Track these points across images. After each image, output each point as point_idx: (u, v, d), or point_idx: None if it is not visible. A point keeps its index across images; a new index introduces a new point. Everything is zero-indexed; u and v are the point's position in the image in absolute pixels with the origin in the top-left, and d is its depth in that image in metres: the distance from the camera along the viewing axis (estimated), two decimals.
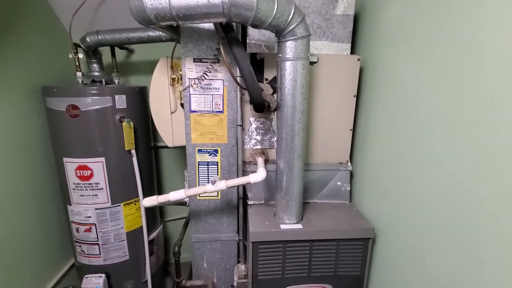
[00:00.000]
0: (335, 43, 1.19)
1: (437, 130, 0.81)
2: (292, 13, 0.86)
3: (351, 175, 1.29)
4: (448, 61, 0.77)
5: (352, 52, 1.24)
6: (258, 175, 1.00)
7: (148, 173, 1.68)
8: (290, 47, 0.92)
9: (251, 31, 1.13)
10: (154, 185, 1.78)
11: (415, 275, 0.90)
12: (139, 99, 1.50)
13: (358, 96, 1.22)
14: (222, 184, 0.99)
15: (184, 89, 1.09)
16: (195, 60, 1.08)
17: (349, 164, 1.27)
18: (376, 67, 1.13)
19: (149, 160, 1.69)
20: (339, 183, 1.27)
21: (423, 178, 0.87)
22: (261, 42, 1.14)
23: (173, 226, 2.12)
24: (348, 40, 1.20)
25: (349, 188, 1.28)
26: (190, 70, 1.08)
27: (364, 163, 1.22)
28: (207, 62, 1.08)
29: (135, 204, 1.60)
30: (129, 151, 1.47)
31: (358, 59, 1.16)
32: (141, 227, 1.62)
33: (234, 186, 1.00)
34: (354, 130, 1.26)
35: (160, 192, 2.02)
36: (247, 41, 1.13)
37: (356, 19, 1.22)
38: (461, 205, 0.73)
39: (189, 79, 1.09)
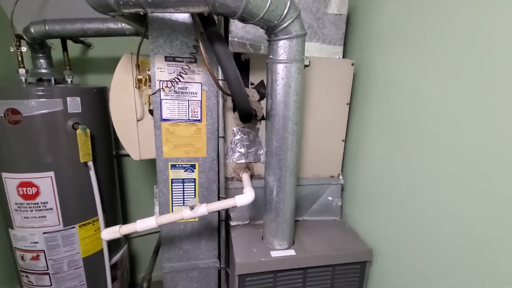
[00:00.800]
0: (327, 45, 1.08)
1: (443, 138, 0.73)
2: (287, 6, 0.72)
3: (342, 189, 1.19)
4: (456, 61, 0.70)
5: (343, 55, 1.14)
6: (246, 197, 0.85)
7: (110, 187, 1.46)
8: (283, 48, 0.78)
9: (233, 27, 0.98)
10: (116, 201, 1.55)
11: None
12: (98, 102, 1.28)
13: (350, 104, 1.12)
14: (203, 209, 0.82)
15: (153, 93, 0.90)
16: (167, 59, 0.90)
17: (341, 177, 1.17)
18: (369, 72, 1.04)
19: (110, 172, 1.47)
20: (330, 198, 1.16)
21: (427, 192, 0.79)
22: (245, 41, 0.99)
23: (140, 242, 1.89)
24: (340, 42, 1.09)
25: (340, 203, 1.17)
26: (161, 71, 0.90)
27: (357, 176, 1.12)
28: (182, 61, 0.90)
29: (93, 225, 1.37)
30: (85, 163, 1.25)
31: (352, 64, 1.06)
32: (101, 250, 1.40)
33: (217, 210, 0.84)
34: (345, 141, 1.15)
35: (124, 209, 1.79)
36: (229, 38, 0.97)
37: (347, 20, 1.11)
38: (477, 223, 0.64)
39: (160, 81, 0.90)
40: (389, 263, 0.95)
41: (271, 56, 0.81)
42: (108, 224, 1.46)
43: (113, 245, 1.48)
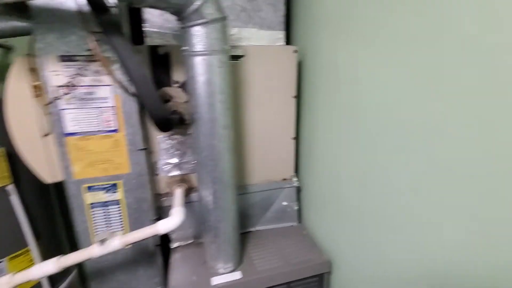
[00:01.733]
0: (265, 30, 0.94)
1: (401, 133, 0.62)
2: None
3: (298, 191, 1.07)
4: (412, 48, 0.57)
5: (288, 42, 1.00)
6: (171, 221, 0.70)
7: (44, 209, 1.26)
8: (198, 36, 0.64)
9: (149, 15, 0.82)
10: (56, 224, 1.35)
11: None
12: None
13: (298, 97, 0.99)
14: (116, 243, 0.67)
15: (48, 103, 0.73)
16: (63, 59, 0.72)
17: (295, 179, 1.05)
18: (316, 60, 0.91)
19: (42, 192, 1.27)
20: (284, 203, 1.04)
21: (387, 192, 0.67)
22: (165, 30, 0.83)
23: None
24: (281, 26, 0.95)
25: (296, 208, 1.05)
26: (56, 74, 0.73)
27: (312, 177, 1.00)
28: (80, 60, 0.73)
29: (26, 255, 1.18)
30: (3, 188, 1.05)
31: (295, 51, 0.93)
32: (40, 284, 1.22)
33: (136, 241, 0.69)
34: (297, 139, 1.03)
35: (70, 230, 1.58)
36: (145, 28, 0.81)
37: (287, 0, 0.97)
38: (445, 226, 0.54)
39: (56, 87, 0.73)
40: (349, 272, 0.84)
41: (186, 48, 0.66)
42: (47, 251, 1.27)
43: (57, 274, 1.30)
